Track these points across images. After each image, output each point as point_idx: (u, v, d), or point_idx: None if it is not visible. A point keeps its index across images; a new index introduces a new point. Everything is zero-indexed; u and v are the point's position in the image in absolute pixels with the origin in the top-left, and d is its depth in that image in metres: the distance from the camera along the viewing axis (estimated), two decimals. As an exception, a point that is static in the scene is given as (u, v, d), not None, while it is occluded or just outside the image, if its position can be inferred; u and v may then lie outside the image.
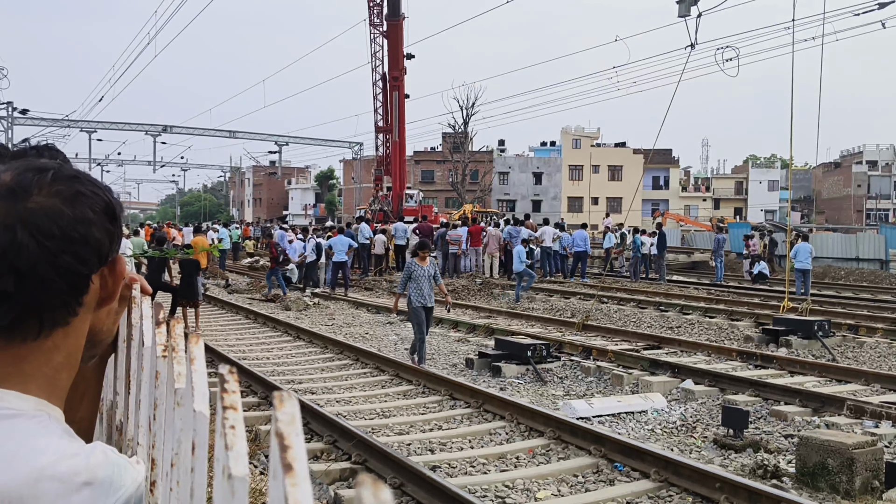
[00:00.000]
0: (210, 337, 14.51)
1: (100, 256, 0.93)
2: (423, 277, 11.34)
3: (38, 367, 0.91)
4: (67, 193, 0.91)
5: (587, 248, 27.76)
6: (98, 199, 0.94)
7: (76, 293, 0.91)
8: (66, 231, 0.89)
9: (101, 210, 0.93)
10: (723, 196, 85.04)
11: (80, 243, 0.90)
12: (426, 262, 11.59)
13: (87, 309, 0.95)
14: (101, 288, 0.96)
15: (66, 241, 0.89)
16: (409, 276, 11.40)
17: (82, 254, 0.90)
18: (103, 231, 0.93)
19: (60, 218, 0.89)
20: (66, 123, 54.89)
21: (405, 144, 36.67)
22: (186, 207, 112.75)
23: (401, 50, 33.99)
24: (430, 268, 11.60)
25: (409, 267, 11.49)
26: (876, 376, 10.67)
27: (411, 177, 63.37)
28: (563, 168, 79.72)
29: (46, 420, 0.89)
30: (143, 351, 2.25)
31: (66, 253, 0.89)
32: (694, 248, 38.23)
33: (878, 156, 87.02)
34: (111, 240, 0.95)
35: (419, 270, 11.38)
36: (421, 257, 11.58)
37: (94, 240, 0.92)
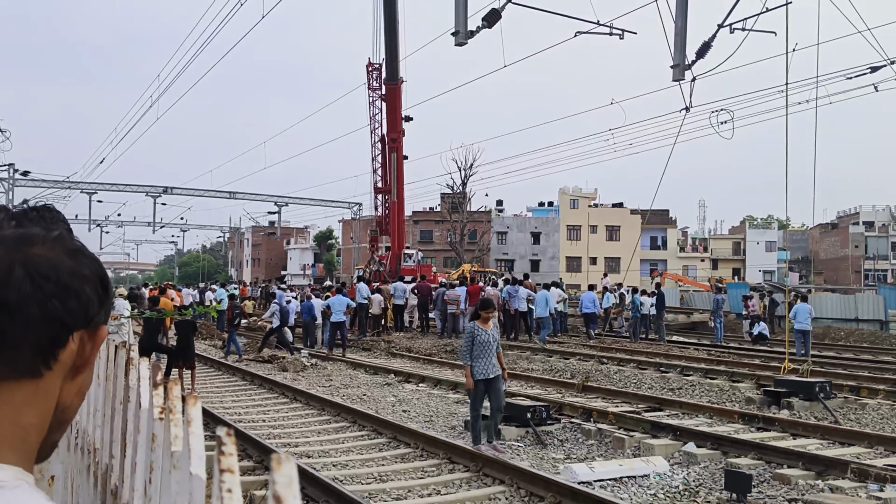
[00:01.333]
0: (206, 399, 14.37)
1: (86, 315, 0.93)
2: (487, 343, 9.83)
3: (9, 424, 0.89)
4: (69, 247, 0.93)
5: (596, 310, 27.84)
6: (96, 265, 0.96)
7: (55, 344, 0.91)
8: (63, 279, 0.90)
9: (97, 274, 0.95)
10: (720, 256, 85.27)
11: (72, 295, 0.91)
12: (489, 326, 10.00)
13: (60, 369, 0.92)
14: (78, 352, 0.94)
15: (61, 288, 0.90)
16: (472, 341, 9.84)
17: (71, 305, 0.91)
18: (95, 293, 0.94)
19: (60, 266, 0.91)
20: (67, 185, 55.33)
21: (404, 205, 36.89)
22: (185, 268, 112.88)
23: (399, 113, 34.47)
24: (495, 331, 10.06)
25: (472, 332, 9.89)
26: (879, 438, 10.55)
27: (410, 237, 63.66)
28: (560, 228, 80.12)
29: (28, 490, 0.87)
30: (140, 413, 2.23)
31: (57, 299, 0.89)
32: (693, 309, 38.15)
33: (874, 217, 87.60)
34: (100, 304, 0.95)
35: (483, 335, 9.82)
36: (484, 319, 10.00)
37: (86, 296, 0.92)
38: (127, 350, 2.87)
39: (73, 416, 0.99)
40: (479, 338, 9.79)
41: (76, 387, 0.97)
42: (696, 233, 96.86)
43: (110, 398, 2.91)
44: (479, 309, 10.19)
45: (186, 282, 72.93)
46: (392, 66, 33.00)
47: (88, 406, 3.19)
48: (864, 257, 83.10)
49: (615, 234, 79.71)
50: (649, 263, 77.51)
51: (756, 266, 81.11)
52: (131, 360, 2.66)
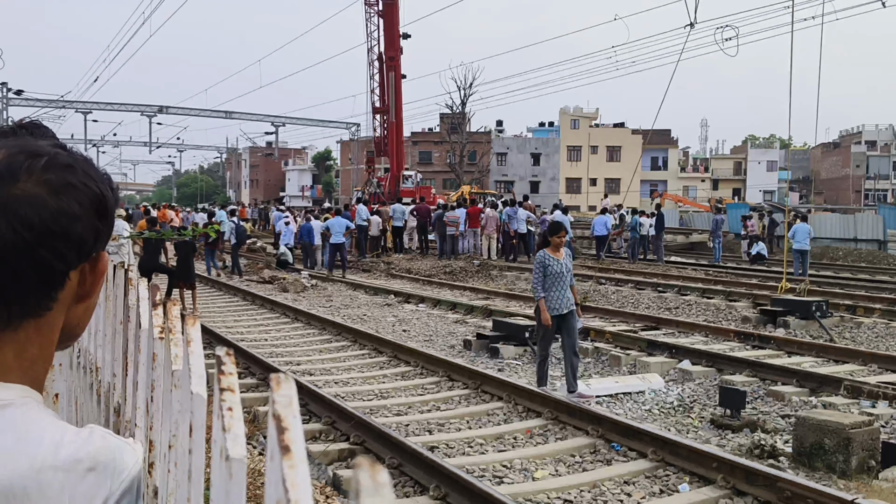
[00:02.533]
0: (207, 319, 14.52)
1: (80, 253, 0.89)
2: (559, 274, 8.64)
3: (14, 359, 0.88)
4: (57, 184, 0.87)
5: (608, 232, 28.09)
6: (88, 192, 0.89)
7: (49, 288, 0.88)
8: (47, 223, 0.85)
9: (90, 204, 0.89)
10: (721, 177, 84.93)
11: (60, 237, 0.86)
12: (561, 254, 8.81)
13: (62, 304, 0.90)
14: (79, 284, 0.92)
15: (46, 234, 0.85)
16: (544, 272, 8.64)
17: (61, 249, 0.86)
18: (88, 227, 0.89)
19: (43, 208, 0.85)
20: (62, 104, 54.68)
21: (402, 125, 36.53)
22: (183, 189, 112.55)
23: (397, 30, 33.80)
24: (567, 260, 8.85)
25: (543, 261, 8.67)
26: (873, 356, 10.70)
27: (409, 158, 63.22)
28: (561, 149, 79.52)
29: (36, 407, 0.87)
30: (141, 333, 2.24)
31: (43, 246, 0.85)
32: (692, 229, 38.23)
33: (877, 136, 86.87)
34: (96, 236, 0.90)
35: (555, 265, 8.65)
36: (554, 246, 8.76)
37: (76, 235, 0.87)
38: (125, 271, 2.86)
39: (81, 331, 0.99)
40: (551, 268, 8.57)
41: (82, 308, 0.95)
42: (698, 153, 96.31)
43: (111, 318, 2.92)
44: (548, 234, 8.85)
45: (186, 203, 72.82)
46: (389, -20, 32.20)
47: (90, 326, 3.20)
48: (866, 177, 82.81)
49: (616, 155, 79.18)
50: (650, 184, 77.25)
51: (757, 186, 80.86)
52: (130, 280, 2.66)
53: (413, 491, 6.05)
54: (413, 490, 6.06)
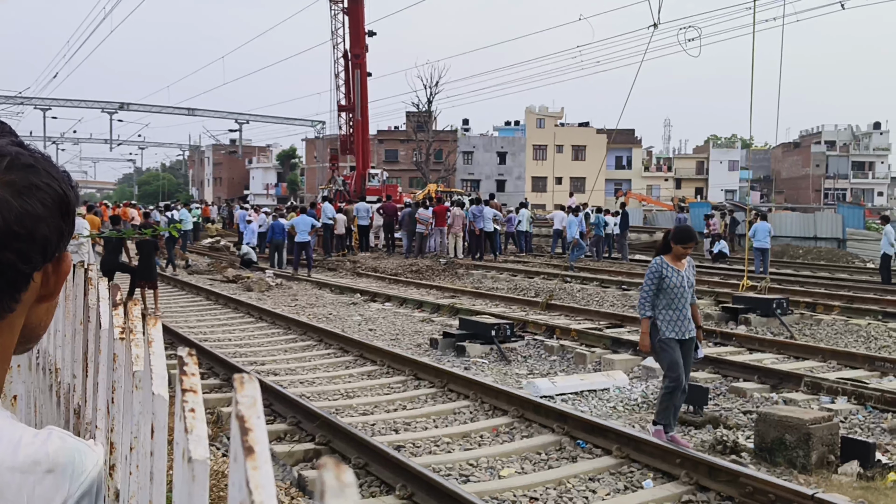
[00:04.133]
0: (170, 319, 14.34)
1: (45, 253, 0.88)
2: (680, 289, 6.82)
3: None
4: (20, 185, 0.86)
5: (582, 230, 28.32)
6: (52, 192, 0.88)
7: (13, 290, 0.86)
8: (11, 225, 0.84)
9: (54, 204, 0.88)
10: (684, 176, 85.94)
11: (24, 239, 0.85)
12: (684, 265, 6.96)
13: (24, 305, 0.89)
14: (42, 285, 0.91)
15: (10, 236, 0.84)
16: (659, 284, 6.82)
17: (25, 250, 0.85)
18: (53, 227, 0.88)
19: (7, 211, 0.84)
20: (20, 101, 53.61)
21: (368, 123, 36.40)
22: (144, 186, 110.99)
23: (362, 27, 33.66)
24: (690, 272, 7.01)
25: (659, 270, 6.81)
26: (833, 353, 10.91)
27: (375, 156, 63.07)
28: (527, 148, 79.89)
29: None
30: (101, 333, 2.20)
31: (7, 249, 0.84)
32: (656, 228, 38.64)
33: (836, 136, 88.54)
34: (60, 236, 0.90)
35: (675, 277, 6.83)
36: (676, 255, 6.90)
37: (41, 236, 0.86)
38: (85, 270, 2.81)
39: (43, 332, 0.98)
40: (670, 280, 6.78)
41: (44, 309, 0.94)
42: (661, 152, 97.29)
43: (70, 319, 2.87)
44: (672, 240, 6.92)
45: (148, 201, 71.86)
46: (355, -22, 32.05)
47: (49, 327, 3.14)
48: (825, 176, 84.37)
49: (581, 154, 79.74)
50: (614, 183, 77.91)
51: (719, 185, 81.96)
52: (90, 280, 2.61)
53: (379, 491, 6.03)
54: (379, 490, 6.04)
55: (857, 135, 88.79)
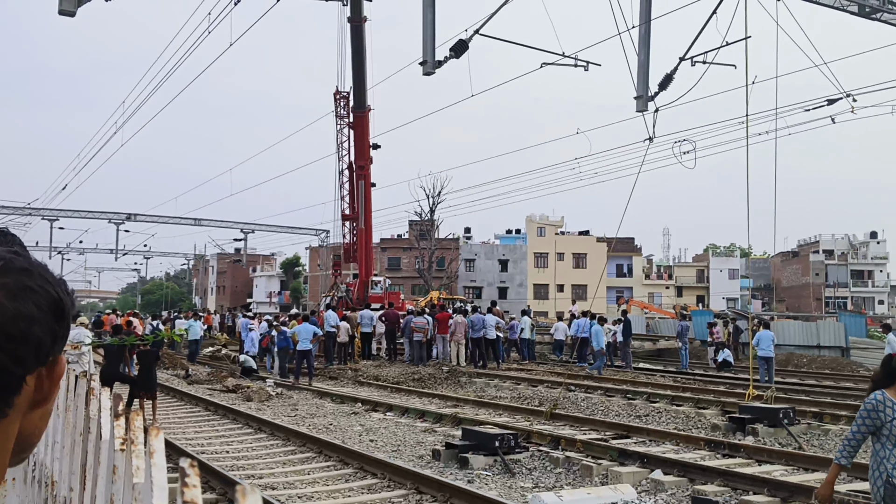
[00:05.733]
0: (168, 430, 14.11)
1: (38, 356, 0.87)
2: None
3: None
4: (14, 287, 0.86)
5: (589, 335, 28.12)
6: (46, 295, 0.88)
7: (6, 394, 0.85)
8: (5, 326, 0.83)
9: (48, 307, 0.88)
10: (685, 284, 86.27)
11: (18, 341, 0.84)
12: None
13: (18, 411, 0.88)
14: (35, 389, 0.90)
15: (3, 338, 0.83)
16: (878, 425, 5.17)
17: (19, 352, 0.84)
18: (46, 330, 0.87)
19: (1, 312, 0.84)
20: (28, 211, 54.46)
21: (371, 232, 36.86)
22: (148, 296, 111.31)
23: (367, 140, 34.55)
24: None
25: (880, 408, 5.16)
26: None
27: (378, 264, 63.47)
28: (528, 256, 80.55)
29: None
30: (101, 444, 2.18)
31: (1, 350, 0.83)
32: (659, 336, 38.46)
33: (833, 245, 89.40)
34: (54, 339, 0.89)
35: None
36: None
37: (35, 338, 0.86)
38: (88, 380, 2.81)
39: (38, 439, 0.96)
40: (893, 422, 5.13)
41: (38, 415, 0.93)
42: (661, 260, 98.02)
43: (70, 429, 2.85)
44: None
45: (150, 311, 71.93)
46: (360, 94, 33.13)
47: (47, 438, 3.11)
48: (825, 285, 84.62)
49: (582, 262, 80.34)
50: (615, 291, 78.12)
51: (720, 293, 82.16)
52: (92, 390, 2.60)
53: None
54: None
55: (855, 244, 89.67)
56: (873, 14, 19.36)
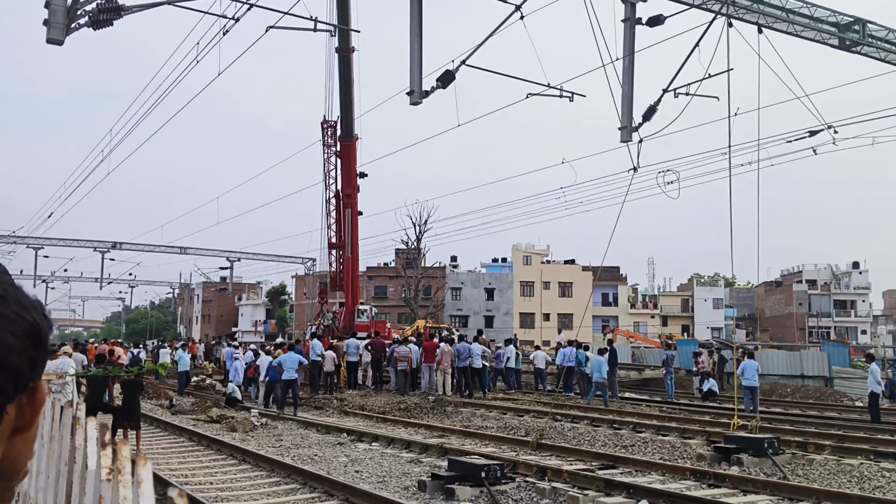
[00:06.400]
0: (151, 460, 13.96)
1: (17, 384, 0.86)
2: None
3: None
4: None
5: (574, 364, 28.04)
6: (22, 322, 0.86)
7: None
8: None
9: (25, 334, 0.86)
10: (670, 313, 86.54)
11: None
12: None
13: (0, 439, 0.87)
14: (17, 417, 0.89)
15: None
16: None
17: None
18: (24, 357, 0.86)
19: None
20: (13, 240, 54.13)
21: (358, 260, 36.85)
22: (133, 325, 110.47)
23: (354, 169, 34.68)
24: None
25: None
26: (827, 494, 10.69)
27: (364, 293, 63.38)
28: (514, 284, 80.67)
29: None
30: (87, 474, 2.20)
31: None
32: (644, 365, 38.49)
33: (816, 275, 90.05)
34: (32, 366, 0.87)
35: None
36: None
37: (13, 367, 0.84)
38: (74, 409, 2.82)
39: (23, 466, 0.94)
40: None
41: (21, 442, 0.91)
42: (646, 290, 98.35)
43: (55, 459, 2.85)
44: None
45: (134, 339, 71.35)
46: (347, 123, 33.31)
47: (31, 468, 3.10)
48: (808, 315, 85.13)
49: (567, 291, 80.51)
50: (601, 320, 78.28)
51: (704, 323, 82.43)
52: (77, 419, 2.61)
53: None
54: None
55: (837, 274, 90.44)
56: (854, 47, 19.75)
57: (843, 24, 19.36)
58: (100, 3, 13.17)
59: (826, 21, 19.23)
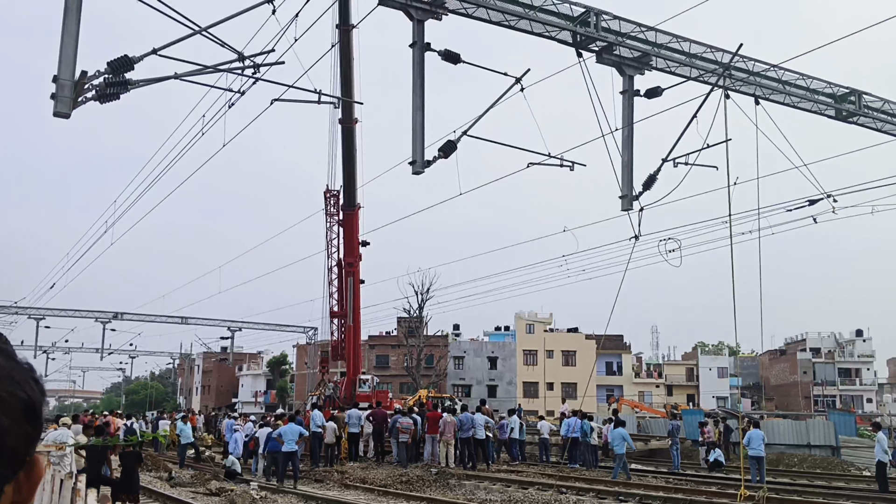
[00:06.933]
0: (149, 534, 13.73)
1: (14, 463, 0.86)
2: None
3: None
4: None
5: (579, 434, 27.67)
6: (16, 401, 0.86)
7: None
8: None
9: (19, 413, 0.86)
10: (675, 382, 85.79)
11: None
12: None
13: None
14: (15, 492, 0.88)
15: None
16: None
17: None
18: (20, 436, 0.86)
19: None
20: (15, 310, 54.17)
21: (360, 329, 36.74)
22: (132, 396, 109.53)
23: (356, 238, 34.89)
24: None
25: None
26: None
27: (366, 362, 62.99)
28: (517, 353, 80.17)
29: None
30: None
31: None
32: (650, 436, 37.99)
33: (820, 343, 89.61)
34: (28, 443, 0.87)
35: None
36: None
37: (8, 448, 0.84)
38: (73, 480, 2.83)
39: None
40: None
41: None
42: (651, 358, 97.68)
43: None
44: None
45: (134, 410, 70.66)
46: (350, 192, 33.66)
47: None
48: (813, 383, 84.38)
49: (571, 359, 79.94)
50: (606, 389, 77.52)
51: (709, 392, 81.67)
52: (78, 491, 2.62)
53: None
54: None
55: (841, 342, 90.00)
56: (850, 118, 20.08)
57: (839, 96, 19.73)
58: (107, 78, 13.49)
59: (822, 92, 19.60)
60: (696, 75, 17.66)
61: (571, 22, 15.65)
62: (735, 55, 17.23)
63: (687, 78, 17.76)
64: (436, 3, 14.47)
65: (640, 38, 16.71)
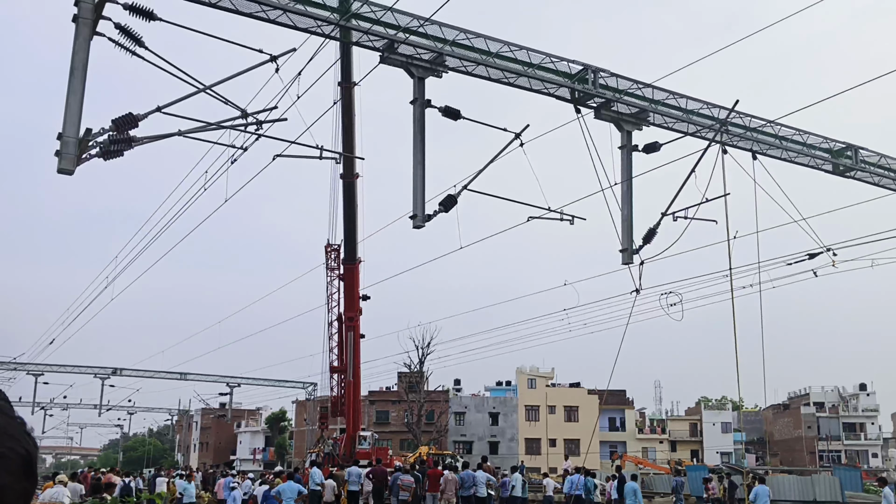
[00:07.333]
0: None
1: None
2: None
3: None
4: None
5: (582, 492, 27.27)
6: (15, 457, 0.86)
7: None
8: None
9: (18, 469, 0.86)
10: (678, 438, 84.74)
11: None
12: None
13: None
14: None
15: None
16: None
17: None
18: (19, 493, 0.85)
19: None
20: (13, 366, 53.86)
21: (360, 385, 36.45)
22: (130, 452, 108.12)
23: (357, 292, 34.85)
24: None
25: None
26: None
27: (366, 417, 62.35)
28: (519, 408, 79.39)
29: None
30: None
31: None
32: (654, 493, 37.42)
33: (824, 397, 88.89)
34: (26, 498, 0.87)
35: None
36: None
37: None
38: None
39: None
40: None
41: None
42: (654, 413, 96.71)
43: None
44: None
45: (131, 467, 69.73)
46: (350, 246, 33.75)
47: None
48: (818, 438, 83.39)
49: (573, 415, 79.10)
50: (609, 445, 76.54)
51: (713, 447, 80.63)
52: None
53: None
54: None
55: (845, 396, 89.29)
56: (847, 172, 20.24)
57: (835, 151, 19.91)
58: (111, 135, 13.64)
59: (819, 147, 19.78)
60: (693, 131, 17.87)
61: (570, 79, 15.89)
62: (731, 111, 17.46)
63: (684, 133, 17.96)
64: (436, 62, 14.73)
65: (637, 95, 16.95)
